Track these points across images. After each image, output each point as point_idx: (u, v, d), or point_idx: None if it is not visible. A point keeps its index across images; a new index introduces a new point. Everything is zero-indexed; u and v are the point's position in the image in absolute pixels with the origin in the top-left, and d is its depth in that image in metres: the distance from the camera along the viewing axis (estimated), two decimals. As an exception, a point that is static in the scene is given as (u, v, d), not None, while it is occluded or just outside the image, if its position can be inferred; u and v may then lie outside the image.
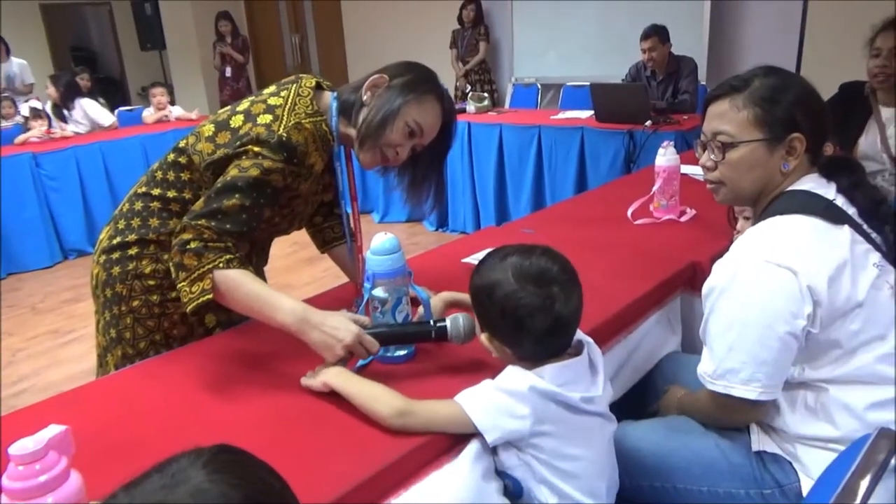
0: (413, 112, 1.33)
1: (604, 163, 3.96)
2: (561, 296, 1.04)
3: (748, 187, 1.22)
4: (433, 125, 1.38)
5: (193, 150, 1.36)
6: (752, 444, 1.21)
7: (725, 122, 1.20)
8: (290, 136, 1.28)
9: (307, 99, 1.35)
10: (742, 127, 1.19)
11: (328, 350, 1.14)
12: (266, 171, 1.25)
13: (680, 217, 2.06)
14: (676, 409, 1.37)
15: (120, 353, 1.44)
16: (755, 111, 1.18)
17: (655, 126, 3.79)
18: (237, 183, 1.24)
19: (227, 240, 1.21)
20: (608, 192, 2.67)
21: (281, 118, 1.30)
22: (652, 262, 1.71)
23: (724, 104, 1.21)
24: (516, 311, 1.04)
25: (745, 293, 1.12)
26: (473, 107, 4.86)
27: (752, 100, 1.18)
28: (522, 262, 1.07)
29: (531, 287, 1.04)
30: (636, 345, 1.55)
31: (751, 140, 1.18)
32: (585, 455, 1.06)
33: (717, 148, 1.22)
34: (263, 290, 1.20)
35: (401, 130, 1.33)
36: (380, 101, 1.33)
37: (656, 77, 4.36)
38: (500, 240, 1.95)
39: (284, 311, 1.17)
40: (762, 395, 1.12)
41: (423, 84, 1.35)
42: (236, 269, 1.19)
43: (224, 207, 1.22)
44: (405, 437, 1.03)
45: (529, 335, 1.05)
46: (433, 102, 1.36)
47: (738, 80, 1.22)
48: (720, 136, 1.21)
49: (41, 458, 0.78)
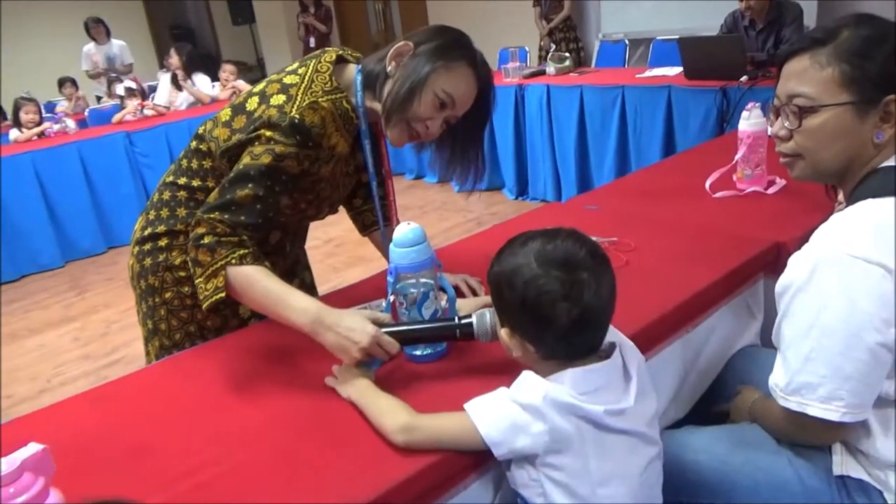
0: (442, 81, 1.20)
1: (693, 124, 3.65)
2: (591, 283, 0.90)
3: (830, 161, 1.02)
4: (467, 95, 1.24)
5: (210, 136, 1.30)
6: (834, 466, 1.03)
7: (805, 83, 1.00)
8: (303, 118, 1.18)
9: (325, 75, 1.24)
10: (825, 87, 0.98)
11: (344, 353, 1.07)
12: (278, 157, 1.17)
13: (767, 188, 1.82)
14: (748, 415, 1.20)
15: (157, 343, 1.43)
16: (842, 68, 0.97)
17: (752, 81, 3.44)
18: (249, 172, 1.16)
19: (241, 233, 1.15)
20: (691, 158, 2.43)
21: (294, 98, 1.20)
22: (727, 244, 1.51)
23: (803, 60, 1.00)
24: (539, 298, 0.90)
25: (825, 294, 0.93)
26: (553, 68, 4.60)
27: (838, 55, 0.97)
28: (546, 246, 0.93)
29: (556, 272, 0.90)
30: (704, 341, 1.37)
31: (836, 103, 0.97)
32: (609, 480, 0.92)
33: (793, 113, 1.01)
34: (278, 287, 1.13)
35: (430, 102, 1.21)
36: (405, 71, 1.21)
37: (755, 26, 3.96)
38: (559, 218, 1.82)
39: (298, 310, 1.10)
40: (846, 415, 0.93)
41: (453, 49, 1.22)
42: (250, 265, 1.13)
43: (237, 198, 1.15)
44: (416, 455, 0.94)
45: (553, 328, 0.91)
46: (465, 69, 1.22)
47: (823, 31, 1.00)
48: (797, 100, 1.00)
49: (15, 479, 0.74)
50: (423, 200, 5.03)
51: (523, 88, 4.53)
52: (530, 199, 4.75)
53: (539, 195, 4.69)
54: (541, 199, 4.66)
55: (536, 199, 4.71)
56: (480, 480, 1.01)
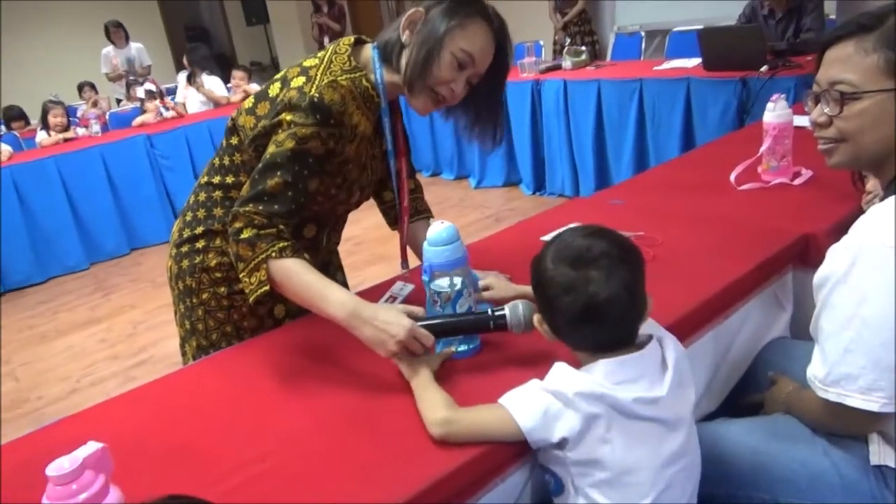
0: (459, 40, 1.21)
1: (713, 116, 3.63)
2: (599, 279, 0.93)
3: (871, 147, 1.01)
4: (485, 51, 1.25)
5: (239, 126, 1.32)
6: (871, 456, 1.03)
7: (849, 69, 0.99)
8: (322, 97, 1.19)
9: (344, 56, 1.26)
10: (870, 74, 0.97)
11: (381, 346, 1.09)
12: (302, 140, 1.19)
13: (793, 180, 1.82)
14: (783, 406, 1.21)
15: (195, 343, 1.46)
16: (888, 55, 0.96)
17: (773, 71, 3.41)
18: (276, 160, 1.18)
19: (278, 222, 1.17)
20: (713, 152, 2.43)
21: (314, 79, 1.22)
22: (756, 236, 1.51)
23: (848, 47, 1.00)
24: (546, 288, 0.98)
25: (865, 285, 0.93)
26: (570, 62, 4.60)
27: (885, 41, 0.96)
28: (565, 242, 0.99)
29: (564, 268, 0.96)
30: (734, 333, 1.38)
31: (878, 90, 0.97)
32: (632, 466, 0.94)
33: (834, 100, 1.01)
34: (316, 280, 1.15)
35: (449, 64, 1.22)
36: (420, 38, 1.22)
37: (775, 15, 3.92)
38: (583, 213, 1.83)
39: (335, 304, 1.12)
40: (886, 406, 0.94)
41: (464, 6, 1.22)
42: (289, 257, 1.15)
43: (268, 188, 1.17)
44: (452, 452, 0.97)
45: (561, 317, 0.98)
46: (480, 24, 1.23)
47: (869, 17, 0.99)
48: (839, 86, 1.00)
49: (77, 477, 0.77)
50: (441, 197, 5.05)
51: (540, 83, 4.53)
52: (548, 195, 4.75)
53: (557, 190, 4.69)
54: (558, 194, 4.66)
55: (554, 194, 4.71)
56: (517, 473, 1.03)
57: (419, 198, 1.59)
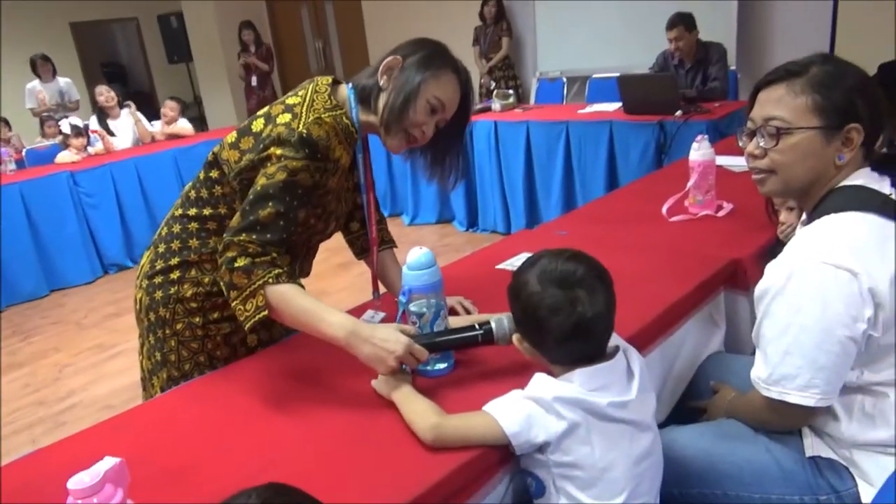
0: (433, 88, 1.33)
1: (634, 156, 3.90)
2: (585, 298, 1.04)
3: (800, 177, 1.17)
4: (454, 98, 1.37)
5: (222, 160, 1.37)
6: (806, 449, 1.18)
7: (781, 108, 1.15)
8: (310, 132, 1.27)
9: (324, 94, 1.35)
10: (799, 113, 1.13)
11: (381, 363, 1.15)
12: (292, 173, 1.26)
13: (717, 212, 2.02)
14: (725, 411, 1.34)
15: (165, 375, 1.46)
16: (814, 97, 1.12)
17: (686, 116, 3.73)
18: (268, 191, 1.24)
19: (271, 251, 1.23)
20: (641, 188, 2.64)
21: (300, 115, 1.30)
22: (691, 261, 1.68)
23: (779, 89, 1.16)
24: (537, 310, 1.06)
25: (801, 296, 1.08)
26: (499, 104, 4.83)
27: (810, 85, 1.13)
28: (549, 265, 1.08)
29: (553, 289, 1.05)
30: (678, 348, 1.52)
31: (808, 127, 1.13)
32: (609, 465, 1.04)
33: (770, 134, 1.16)
34: (313, 305, 1.21)
35: (423, 109, 1.33)
36: (398, 83, 1.33)
37: (684, 65, 4.29)
38: (532, 243, 1.95)
39: (335, 325, 1.18)
40: (820, 401, 1.09)
41: (437, 59, 1.35)
42: (285, 283, 1.21)
43: (261, 218, 1.23)
44: (442, 459, 1.04)
45: (550, 336, 1.06)
46: (450, 75, 1.35)
47: (796, 65, 1.16)
48: (774, 122, 1.15)
49: (98, 491, 0.80)
50: (376, 234, 5.10)
51: (471, 124, 4.71)
52: (480, 231, 4.91)
53: (489, 227, 4.85)
54: (491, 230, 4.83)
55: (486, 230, 4.87)
56: (497, 478, 1.11)
57: (384, 228, 1.67)
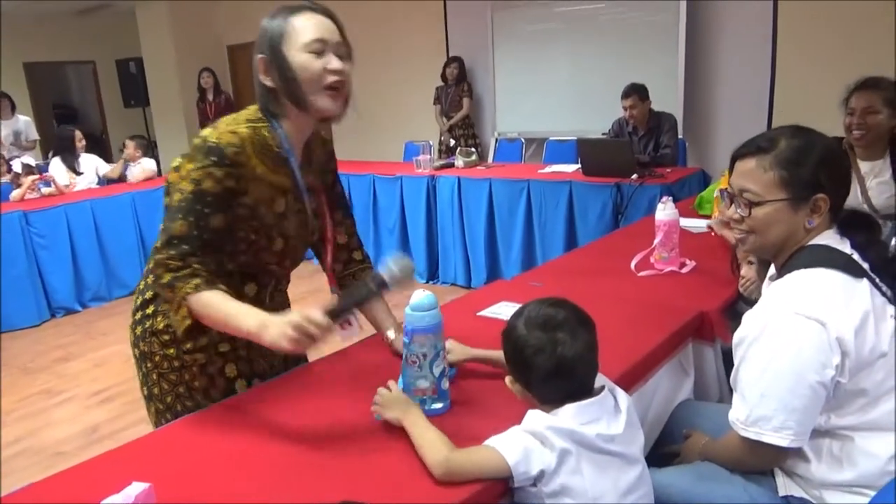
0: (298, 36, 1.30)
1: (592, 215, 4.08)
2: (566, 340, 1.13)
3: (773, 240, 1.28)
4: (326, 28, 1.32)
5: (170, 184, 1.39)
6: (779, 488, 1.26)
7: (751, 181, 1.26)
8: (220, 139, 1.30)
9: (252, 110, 1.39)
10: (768, 187, 1.25)
11: (283, 338, 1.16)
12: (197, 182, 1.29)
13: (681, 269, 2.15)
14: (700, 455, 1.42)
15: (153, 409, 1.48)
16: (781, 173, 1.23)
17: (641, 179, 3.94)
18: (180, 204, 1.29)
19: (191, 262, 1.28)
20: (604, 246, 2.77)
21: (218, 127, 1.33)
22: (661, 313, 1.79)
23: (750, 163, 1.27)
24: (523, 351, 1.15)
25: (776, 344, 1.18)
26: (462, 161, 5.00)
27: (777, 162, 1.24)
28: (534, 311, 1.19)
29: (537, 332, 1.15)
30: (652, 395, 1.61)
31: (776, 199, 1.24)
32: (599, 495, 1.10)
33: (745, 204, 1.28)
34: (231, 307, 1.26)
35: (307, 60, 1.30)
36: (274, 70, 1.32)
37: (638, 132, 4.55)
38: (509, 293, 2.04)
39: (249, 318, 1.23)
40: (793, 442, 1.18)
41: (280, 17, 1.32)
42: (205, 290, 1.27)
43: (175, 232, 1.29)
44: (446, 494, 1.08)
45: (536, 375, 1.15)
46: (306, 13, 1.32)
47: (765, 139, 1.28)
48: (746, 194, 1.27)
49: (130, 515, 0.81)
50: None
51: (435, 179, 4.85)
52: (441, 283, 4.98)
53: (450, 279, 4.94)
54: (451, 283, 4.91)
55: (447, 283, 4.95)
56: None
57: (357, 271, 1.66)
